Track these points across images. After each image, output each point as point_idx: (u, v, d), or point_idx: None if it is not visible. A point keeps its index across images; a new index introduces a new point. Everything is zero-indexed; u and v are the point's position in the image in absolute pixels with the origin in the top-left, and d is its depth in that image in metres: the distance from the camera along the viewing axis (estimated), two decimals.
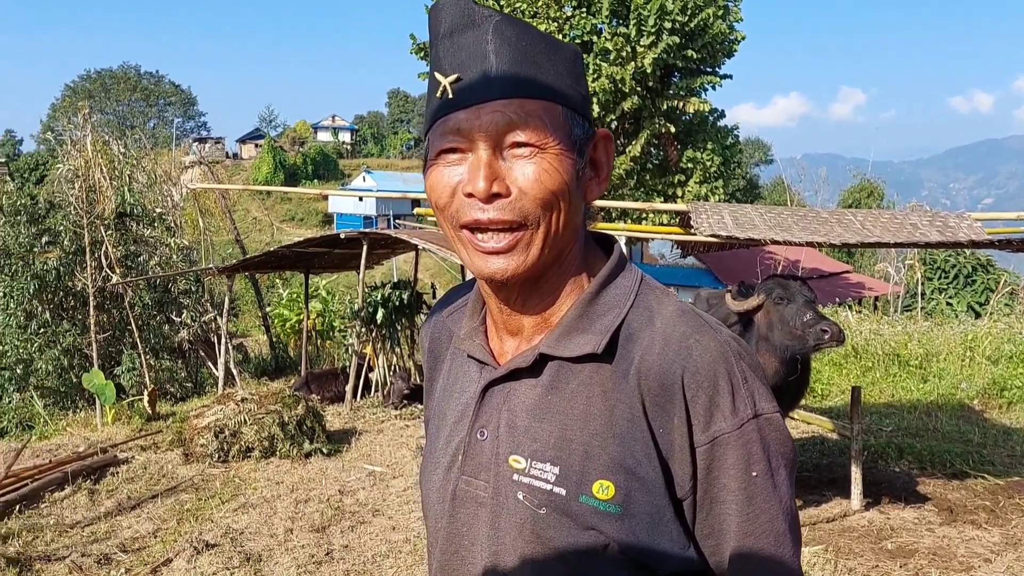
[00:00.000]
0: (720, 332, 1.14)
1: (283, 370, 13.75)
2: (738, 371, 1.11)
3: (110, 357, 11.68)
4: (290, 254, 11.26)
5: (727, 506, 1.10)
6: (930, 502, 6.01)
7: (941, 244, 5.23)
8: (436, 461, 1.26)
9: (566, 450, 1.11)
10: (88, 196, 11.45)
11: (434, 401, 1.35)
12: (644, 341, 1.12)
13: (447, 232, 1.15)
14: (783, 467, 1.12)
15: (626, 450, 1.09)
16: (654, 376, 1.10)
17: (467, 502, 1.18)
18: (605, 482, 1.09)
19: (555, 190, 1.08)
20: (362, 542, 5.43)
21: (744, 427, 1.09)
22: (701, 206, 5.86)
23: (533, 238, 1.09)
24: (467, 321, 1.29)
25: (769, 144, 66.05)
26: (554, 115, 1.09)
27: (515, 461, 1.13)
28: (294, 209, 55.99)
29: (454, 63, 1.09)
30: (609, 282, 1.18)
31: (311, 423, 7.74)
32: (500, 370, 1.18)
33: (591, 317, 1.15)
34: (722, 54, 16.72)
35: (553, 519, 1.10)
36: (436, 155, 1.12)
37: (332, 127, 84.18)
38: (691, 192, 16.36)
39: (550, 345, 1.15)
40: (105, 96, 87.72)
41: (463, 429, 1.21)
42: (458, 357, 1.30)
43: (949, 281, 21.14)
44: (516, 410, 1.16)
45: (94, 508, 6.18)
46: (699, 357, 1.09)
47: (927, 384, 10.11)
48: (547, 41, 1.12)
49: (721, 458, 1.09)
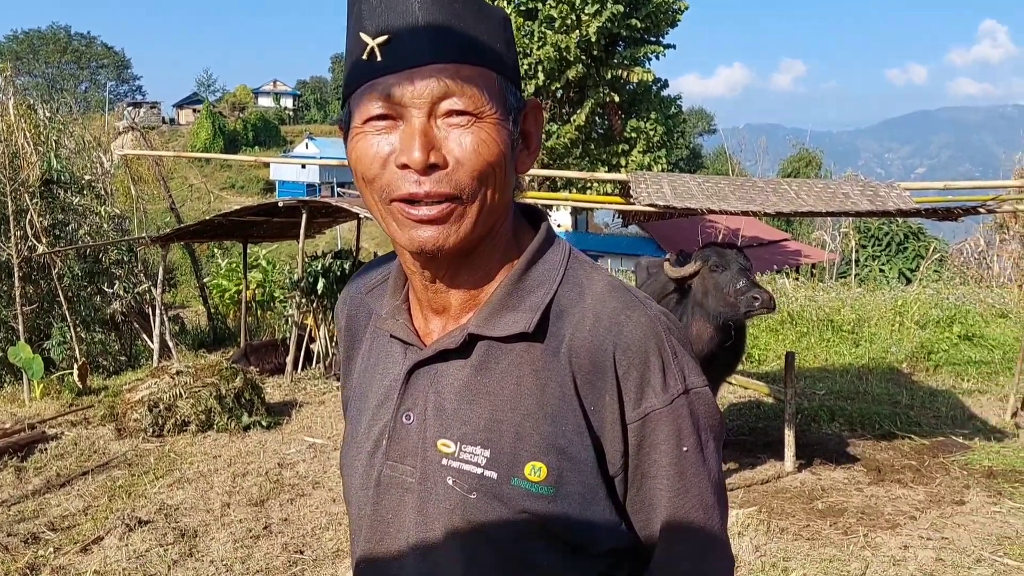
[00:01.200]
0: (650, 307, 1.12)
1: (222, 342, 13.53)
2: (668, 346, 1.10)
3: (38, 330, 11.33)
4: (227, 223, 11.02)
5: (658, 481, 1.10)
6: (859, 463, 6.19)
7: (871, 213, 5.34)
8: (359, 446, 1.21)
9: (496, 432, 1.08)
10: (12, 162, 11.03)
11: (352, 382, 1.30)
12: (575, 318, 1.10)
13: (374, 206, 1.08)
14: (712, 440, 1.13)
15: (558, 430, 1.07)
16: (585, 353, 1.08)
17: (392, 488, 1.14)
18: (537, 463, 1.07)
19: (492, 161, 1.03)
20: (301, 515, 5.38)
21: (675, 403, 1.09)
22: (640, 176, 5.87)
23: (467, 211, 1.04)
24: (389, 299, 1.23)
25: (712, 114, 66.64)
26: (490, 82, 1.04)
27: (444, 445, 1.10)
28: (234, 177, 54.86)
29: (381, 23, 1.01)
30: (538, 257, 1.14)
31: (250, 396, 7.62)
32: (427, 351, 1.14)
33: (520, 294, 1.11)
34: (665, 23, 16.76)
35: (484, 504, 1.07)
36: (363, 122, 1.04)
37: (274, 92, 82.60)
38: (635, 162, 16.45)
39: (479, 324, 1.11)
40: (33, 58, 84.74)
41: (387, 412, 1.17)
42: (379, 337, 1.25)
43: (882, 248, 21.63)
44: (444, 392, 1.12)
45: (21, 486, 6.01)
46: (630, 333, 1.08)
47: (859, 348, 10.37)
48: (478, 4, 1.05)
49: (652, 434, 1.08)
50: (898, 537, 4.83)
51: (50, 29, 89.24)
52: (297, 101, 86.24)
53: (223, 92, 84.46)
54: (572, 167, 16.54)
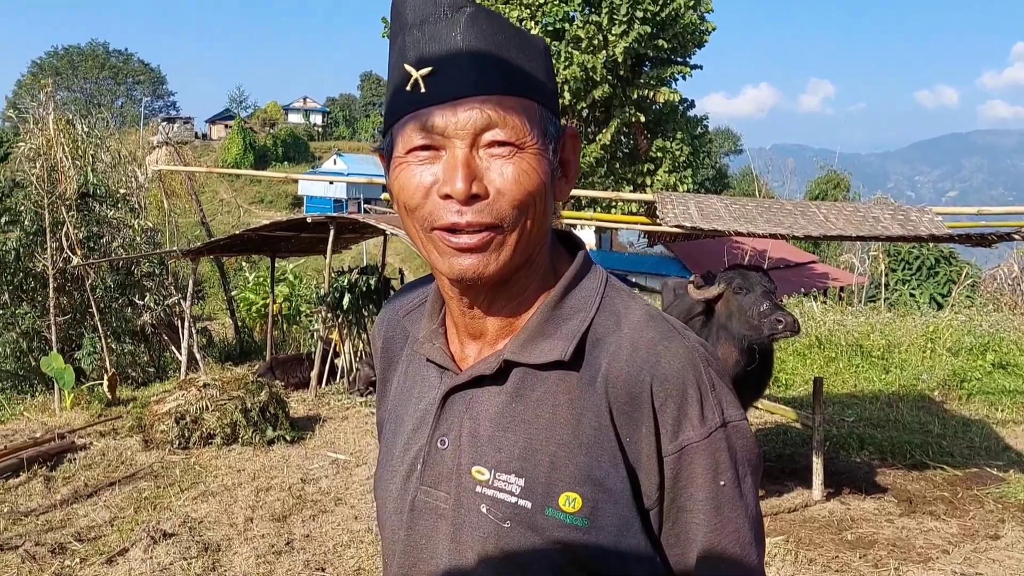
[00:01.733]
0: (688, 338, 1.11)
1: (248, 355, 13.62)
2: (706, 378, 1.09)
3: (70, 340, 11.49)
4: (256, 237, 11.12)
5: (694, 515, 1.08)
6: (890, 493, 6.08)
7: (902, 238, 5.28)
8: (393, 469, 1.21)
9: (531, 461, 1.07)
10: (50, 176, 11.22)
11: (388, 404, 1.30)
12: (611, 347, 1.09)
13: (415, 235, 1.09)
14: (749, 474, 1.11)
15: (593, 461, 1.06)
16: (622, 384, 1.07)
17: (426, 513, 1.14)
18: (572, 494, 1.06)
19: (533, 191, 1.04)
20: (323, 531, 5.38)
21: (712, 436, 1.07)
22: (667, 196, 5.85)
23: (507, 239, 1.05)
24: (426, 322, 1.23)
25: (739, 134, 66.43)
26: (531, 112, 1.05)
27: (478, 472, 1.10)
28: (263, 191, 55.38)
29: (424, 55, 1.03)
30: (574, 284, 1.14)
31: (274, 410, 7.66)
32: (462, 376, 1.14)
33: (556, 321, 1.11)
34: (693, 44, 16.74)
35: (518, 533, 1.06)
36: (406, 152, 1.05)
37: (304, 109, 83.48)
38: (660, 181, 16.39)
39: (515, 351, 1.11)
40: (72, 73, 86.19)
41: (422, 437, 1.16)
42: (415, 360, 1.25)
43: (912, 272, 21.40)
44: (479, 418, 1.12)
45: (50, 495, 6.07)
46: (668, 364, 1.07)
47: (889, 375, 10.23)
48: (520, 35, 1.07)
49: (689, 467, 1.07)
50: (930, 572, 4.73)
51: (89, 46, 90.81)
52: (326, 118, 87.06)
53: (254, 108, 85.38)
54: (597, 186, 16.53)
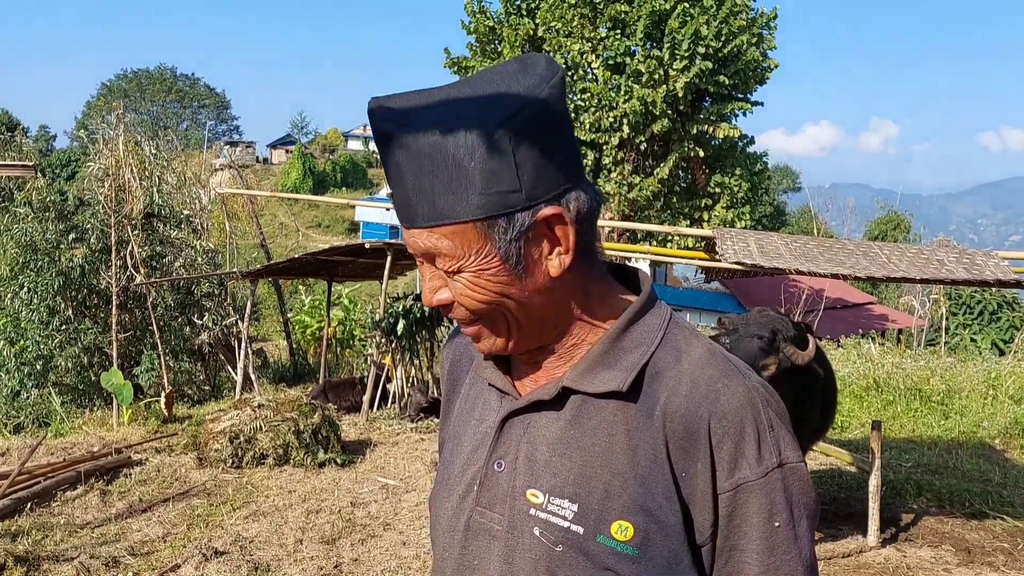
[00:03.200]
0: (749, 377, 1.12)
1: (301, 377, 13.78)
2: (765, 418, 1.09)
3: (130, 357, 11.75)
4: (314, 261, 11.30)
5: (747, 555, 1.08)
6: (948, 541, 5.92)
7: (967, 282, 5.16)
8: (450, 488, 1.24)
9: (586, 487, 1.09)
10: (117, 195, 11.57)
11: (451, 424, 1.33)
12: (671, 382, 1.10)
13: None
14: (805, 518, 1.10)
15: (647, 492, 1.08)
16: (680, 419, 1.08)
17: (480, 534, 1.16)
18: (624, 523, 1.07)
19: (483, 300, 1.09)
20: (372, 556, 5.40)
21: (769, 476, 1.07)
22: (727, 232, 5.81)
23: (496, 329, 1.12)
24: None
25: (798, 172, 65.67)
26: (465, 236, 1.05)
27: (533, 495, 1.12)
28: (321, 216, 56.27)
29: (389, 176, 1.10)
30: (638, 318, 1.15)
31: (326, 432, 7.73)
32: (521, 401, 1.17)
33: (617, 353, 1.13)
34: (754, 81, 16.67)
35: (569, 557, 1.08)
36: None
37: (363, 136, 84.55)
38: (717, 217, 16.29)
39: (574, 379, 1.13)
40: (140, 96, 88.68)
41: (480, 459, 1.19)
42: (477, 383, 1.28)
43: (974, 317, 20.89)
44: (536, 443, 1.14)
45: (105, 509, 6.20)
46: (727, 402, 1.07)
47: (948, 421, 9.98)
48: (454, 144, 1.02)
49: (744, 506, 1.07)
50: None
51: (158, 69, 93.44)
52: None
53: (315, 134, 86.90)
54: (653, 220, 16.48)
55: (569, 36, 16.03)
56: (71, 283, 11.80)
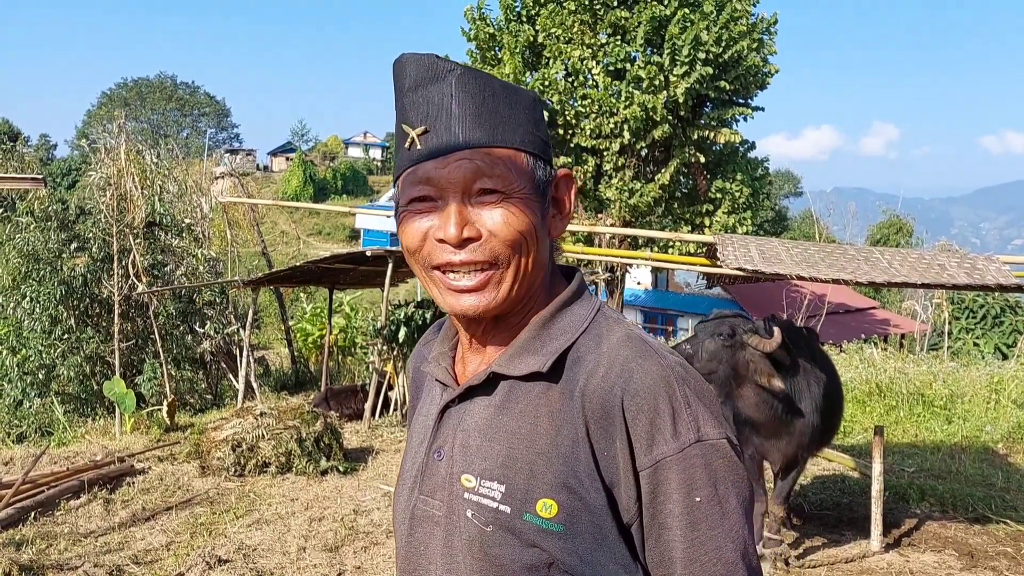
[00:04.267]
0: (665, 357, 1.15)
1: (303, 384, 13.78)
2: (680, 395, 1.11)
3: (132, 366, 11.77)
4: (316, 269, 11.32)
5: (672, 532, 1.10)
6: (951, 546, 5.92)
7: (969, 287, 5.16)
8: (403, 481, 1.31)
9: (512, 468, 1.14)
10: (119, 204, 11.59)
11: (410, 426, 1.41)
12: (589, 364, 1.15)
13: (418, 273, 1.22)
14: (732, 496, 1.11)
15: (570, 471, 1.12)
16: (596, 399, 1.12)
17: (424, 521, 1.22)
18: (548, 500, 1.11)
19: (522, 231, 1.14)
20: (375, 563, 5.40)
21: (686, 451, 1.09)
22: (728, 238, 5.82)
23: (504, 276, 1.15)
24: (437, 346, 1.35)
25: (799, 176, 65.78)
26: (518, 162, 1.15)
27: (466, 480, 1.17)
28: (322, 223, 56.35)
29: (420, 115, 1.15)
30: (564, 307, 1.22)
31: (329, 440, 7.74)
32: (457, 390, 1.23)
33: (543, 339, 1.19)
34: (755, 86, 16.63)
35: (499, 536, 1.12)
36: (408, 203, 1.17)
37: (363, 143, 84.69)
38: (719, 222, 16.27)
39: (501, 364, 1.19)
40: (140, 104, 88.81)
41: (423, 450, 1.26)
42: (429, 381, 1.35)
43: (977, 321, 20.88)
44: (469, 430, 1.19)
45: (109, 518, 6.20)
46: (639, 380, 1.11)
47: (951, 425, 9.97)
48: (508, 90, 1.18)
49: (664, 482, 1.10)
50: None
51: (158, 78, 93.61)
52: (385, 152, 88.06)
53: (315, 141, 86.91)
54: (655, 225, 16.46)
55: (569, 42, 16.04)
56: (73, 292, 11.82)
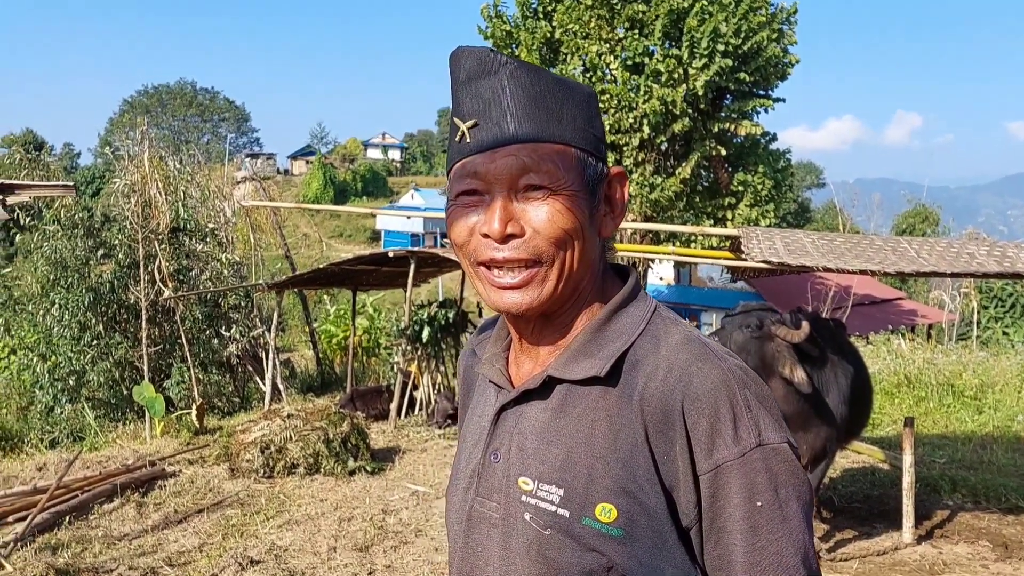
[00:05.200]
0: (725, 360, 1.14)
1: (329, 386, 13.86)
2: (741, 399, 1.10)
3: (160, 370, 11.87)
4: (339, 271, 11.37)
5: (732, 536, 1.09)
6: (984, 537, 5.87)
7: (999, 275, 5.11)
8: (457, 482, 1.30)
9: (570, 472, 1.13)
10: (143, 211, 11.69)
11: (463, 426, 1.40)
12: (648, 367, 1.14)
13: (465, 268, 1.21)
14: (793, 500, 1.10)
15: (629, 474, 1.11)
16: (656, 402, 1.11)
17: (481, 523, 1.22)
18: (607, 505, 1.10)
19: (568, 229, 1.13)
20: (405, 562, 5.42)
21: (747, 455, 1.09)
22: (752, 231, 5.79)
23: (548, 274, 1.14)
24: (490, 347, 1.34)
25: (821, 168, 65.26)
26: (567, 158, 1.14)
27: (524, 483, 1.17)
28: (343, 225, 56.61)
29: (472, 109, 1.15)
30: (620, 309, 1.21)
31: (355, 441, 7.78)
32: (512, 393, 1.22)
33: (599, 342, 1.18)
34: (775, 77, 16.48)
35: (557, 540, 1.12)
36: (456, 196, 1.17)
37: (382, 144, 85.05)
38: (741, 215, 16.16)
39: (558, 368, 1.18)
40: (162, 111, 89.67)
41: (479, 452, 1.25)
42: (483, 382, 1.35)
43: (1006, 310, 20.62)
44: (526, 432, 1.19)
45: (142, 521, 6.27)
46: (699, 384, 1.10)
47: (982, 416, 9.86)
48: (561, 85, 1.17)
49: (725, 486, 1.09)
50: None
51: (178, 84, 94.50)
52: (404, 153, 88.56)
53: (335, 144, 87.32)
54: (676, 220, 16.38)
55: (586, 38, 15.98)
56: (101, 299, 11.95)
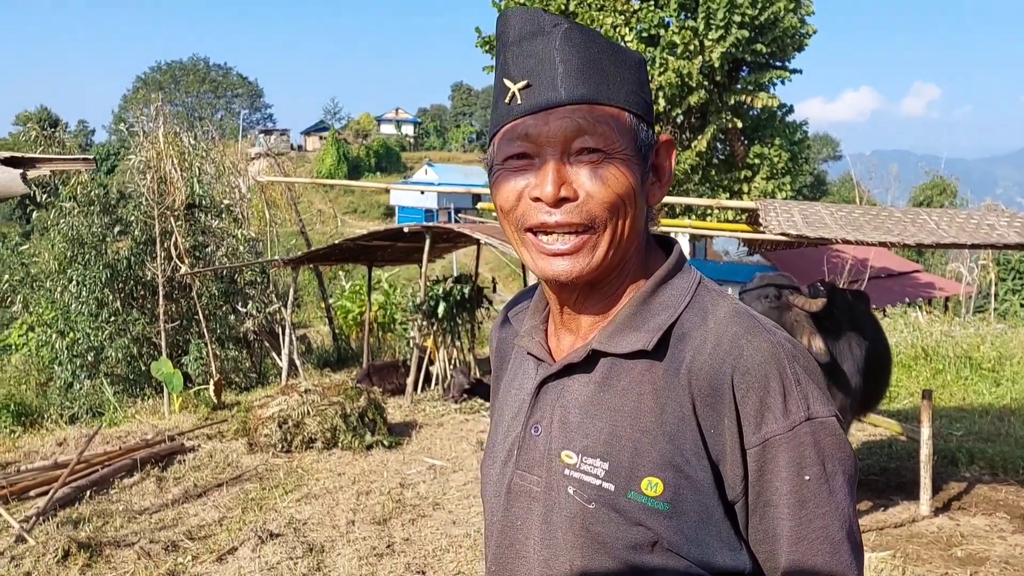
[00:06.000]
0: (774, 333, 1.13)
1: (345, 361, 13.92)
2: (791, 372, 1.09)
3: (177, 346, 11.94)
4: (354, 247, 11.38)
5: (779, 510, 1.09)
6: (1002, 509, 5.86)
7: (1020, 246, 5.05)
8: (494, 455, 1.29)
9: (616, 446, 1.12)
10: (159, 187, 11.71)
11: (498, 398, 1.38)
12: (696, 340, 1.12)
13: (511, 235, 1.18)
14: (840, 474, 1.10)
15: (675, 448, 1.10)
16: (704, 376, 1.10)
17: (521, 496, 1.21)
18: (654, 479, 1.10)
19: (622, 194, 1.11)
20: (423, 535, 5.46)
21: (796, 429, 1.08)
22: (770, 204, 5.75)
23: (599, 241, 1.12)
24: (528, 319, 1.32)
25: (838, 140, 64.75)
26: (621, 122, 1.12)
27: (567, 456, 1.16)
28: (356, 201, 56.60)
29: (522, 69, 1.12)
30: (665, 282, 1.19)
31: (372, 415, 7.82)
32: (555, 366, 1.21)
33: (645, 315, 1.16)
34: (792, 48, 16.30)
35: (602, 514, 1.11)
36: (504, 160, 1.14)
37: (395, 120, 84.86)
38: (757, 188, 16.07)
39: (602, 341, 1.17)
40: (175, 88, 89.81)
41: (519, 424, 1.24)
42: (520, 355, 1.33)
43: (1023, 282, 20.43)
44: (569, 406, 1.18)
45: (161, 495, 6.34)
46: (750, 357, 1.09)
47: (1000, 388, 9.82)
48: (613, 48, 1.14)
49: (773, 460, 1.08)
50: None
51: (191, 60, 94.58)
52: (417, 128, 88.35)
53: (348, 120, 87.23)
54: (692, 193, 16.30)
55: (601, 10, 15.84)
56: (118, 275, 12.00)
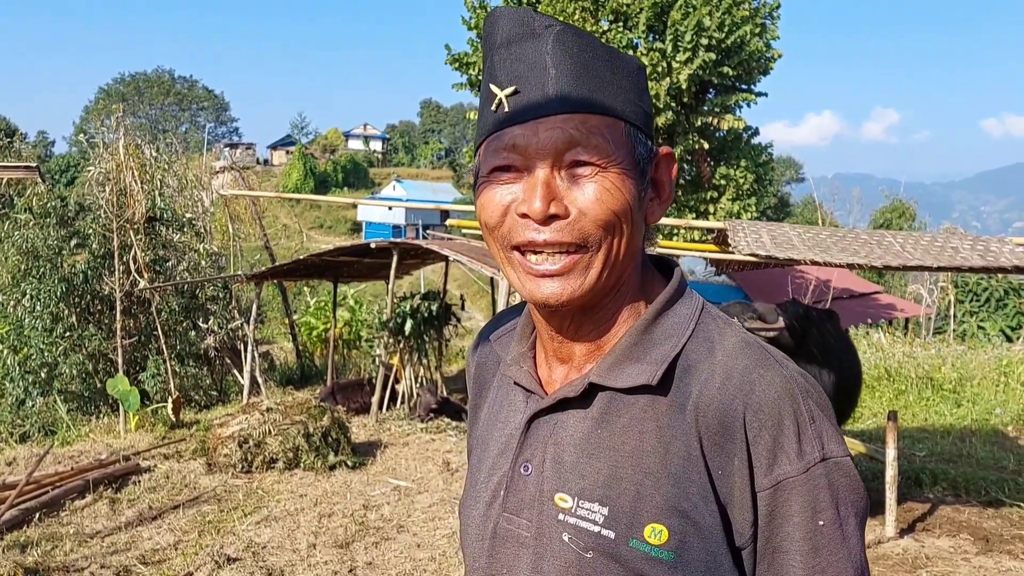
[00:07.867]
0: (786, 367, 1.05)
1: (309, 379, 13.74)
2: (805, 410, 1.01)
3: (135, 363, 11.68)
4: (319, 262, 11.25)
5: (791, 557, 1.01)
6: (965, 530, 5.90)
7: (985, 269, 5.10)
8: (477, 495, 1.18)
9: (616, 489, 1.02)
10: (119, 200, 11.48)
11: (478, 429, 1.27)
12: (703, 374, 1.03)
13: (496, 253, 1.08)
14: (852, 516, 1.03)
15: (681, 492, 1.01)
16: (713, 413, 1.01)
17: (508, 541, 1.10)
18: (658, 526, 1.00)
19: (617, 211, 1.01)
20: (386, 559, 5.34)
21: (811, 471, 1.00)
22: (739, 224, 5.74)
23: (592, 261, 1.02)
24: (515, 346, 1.20)
25: (801, 163, 65.73)
26: (617, 132, 1.02)
27: (561, 499, 1.05)
28: (323, 216, 56.24)
29: (511, 74, 1.02)
30: (667, 308, 1.09)
31: (336, 435, 7.68)
32: (547, 400, 1.10)
33: (646, 346, 1.06)
34: (758, 71, 16.50)
35: (600, 564, 1.01)
36: (489, 172, 1.04)
37: (363, 135, 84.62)
38: (723, 209, 16.19)
39: (601, 374, 1.06)
40: (138, 99, 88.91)
41: (506, 462, 1.13)
42: (504, 384, 1.22)
43: (981, 304, 20.77)
44: (563, 444, 1.07)
45: (115, 518, 6.14)
46: (762, 393, 1.00)
47: (961, 409, 9.94)
48: (610, 53, 1.05)
49: (785, 504, 1.00)
50: None
51: (155, 72, 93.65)
52: (386, 144, 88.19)
53: (315, 134, 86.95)
54: None
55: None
56: (74, 289, 11.72)
